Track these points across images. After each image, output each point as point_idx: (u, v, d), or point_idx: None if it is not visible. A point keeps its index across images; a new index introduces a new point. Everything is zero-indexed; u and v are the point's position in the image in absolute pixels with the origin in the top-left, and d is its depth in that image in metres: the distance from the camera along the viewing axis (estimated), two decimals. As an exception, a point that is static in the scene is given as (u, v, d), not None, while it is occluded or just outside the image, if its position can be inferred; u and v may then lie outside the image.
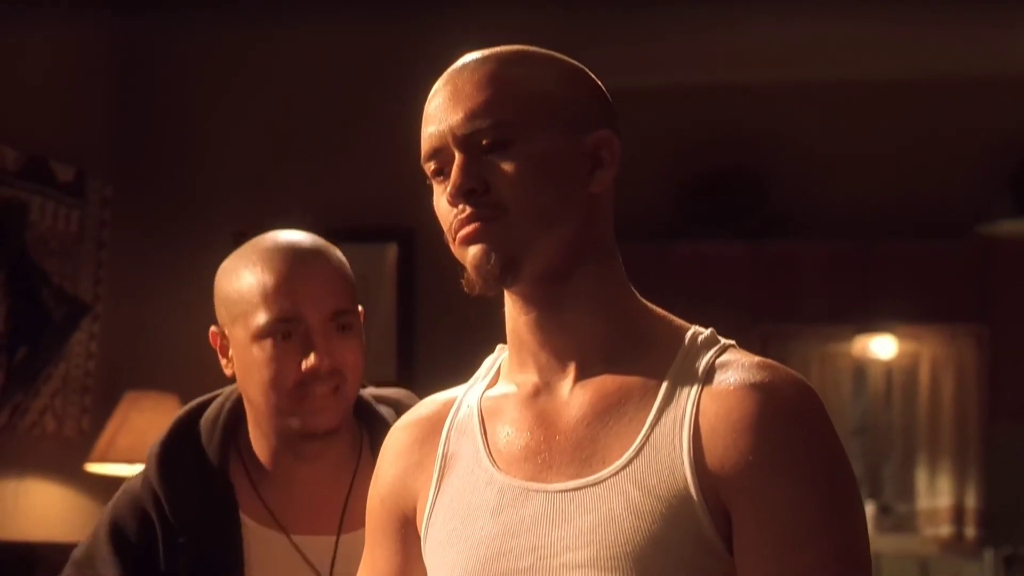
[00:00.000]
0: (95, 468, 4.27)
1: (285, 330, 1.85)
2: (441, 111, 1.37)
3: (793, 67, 5.28)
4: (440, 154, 1.38)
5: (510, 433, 1.40)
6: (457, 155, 1.36)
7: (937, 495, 7.03)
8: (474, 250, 1.35)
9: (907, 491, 7.21)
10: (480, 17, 4.57)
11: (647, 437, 1.34)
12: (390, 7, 4.59)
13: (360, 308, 1.93)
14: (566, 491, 1.35)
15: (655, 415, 1.35)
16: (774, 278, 6.61)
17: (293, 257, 1.88)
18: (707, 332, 1.42)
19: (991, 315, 6.50)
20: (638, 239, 6.67)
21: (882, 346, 6.99)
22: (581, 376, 1.39)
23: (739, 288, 6.55)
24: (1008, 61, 5.22)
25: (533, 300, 1.39)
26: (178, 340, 4.65)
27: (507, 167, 1.34)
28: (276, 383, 1.86)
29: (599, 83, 1.43)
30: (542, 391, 1.41)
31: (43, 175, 4.27)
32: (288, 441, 1.91)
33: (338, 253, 1.94)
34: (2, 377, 4.16)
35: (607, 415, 1.37)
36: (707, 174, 6.76)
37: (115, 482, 4.38)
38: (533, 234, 1.35)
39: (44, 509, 4.34)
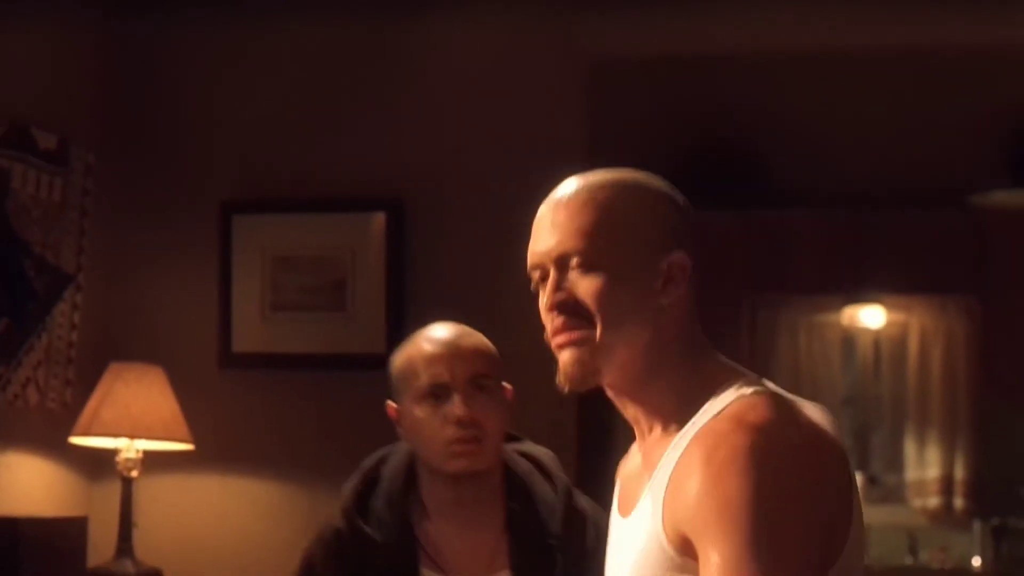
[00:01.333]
0: (79, 441, 4.22)
1: (437, 393, 2.40)
2: (543, 234, 1.70)
3: (786, 38, 5.22)
4: (539, 268, 1.70)
5: (626, 475, 1.79)
6: (551, 272, 1.68)
7: (926, 466, 7.01)
8: (564, 357, 1.68)
9: (896, 462, 7.19)
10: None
11: (650, 487, 1.63)
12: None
13: (507, 385, 2.46)
14: (621, 523, 1.73)
15: (661, 465, 1.62)
16: (766, 248, 6.58)
17: (442, 338, 2.45)
18: (741, 387, 1.63)
19: (982, 286, 6.47)
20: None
21: (871, 316, 6.96)
22: (650, 436, 1.70)
23: (731, 258, 6.52)
24: (1003, 33, 5.16)
25: (616, 393, 1.71)
26: (163, 311, 4.59)
27: (592, 285, 1.65)
28: (433, 435, 2.39)
29: (681, 204, 1.71)
30: (639, 444, 1.75)
31: (25, 143, 4.21)
32: (446, 485, 2.41)
33: (480, 336, 2.48)
34: (-16, 349, 4.10)
35: (650, 466, 1.67)
36: (699, 145, 6.73)
37: (100, 455, 4.34)
38: (611, 341, 1.64)
39: (27, 483, 4.29)
